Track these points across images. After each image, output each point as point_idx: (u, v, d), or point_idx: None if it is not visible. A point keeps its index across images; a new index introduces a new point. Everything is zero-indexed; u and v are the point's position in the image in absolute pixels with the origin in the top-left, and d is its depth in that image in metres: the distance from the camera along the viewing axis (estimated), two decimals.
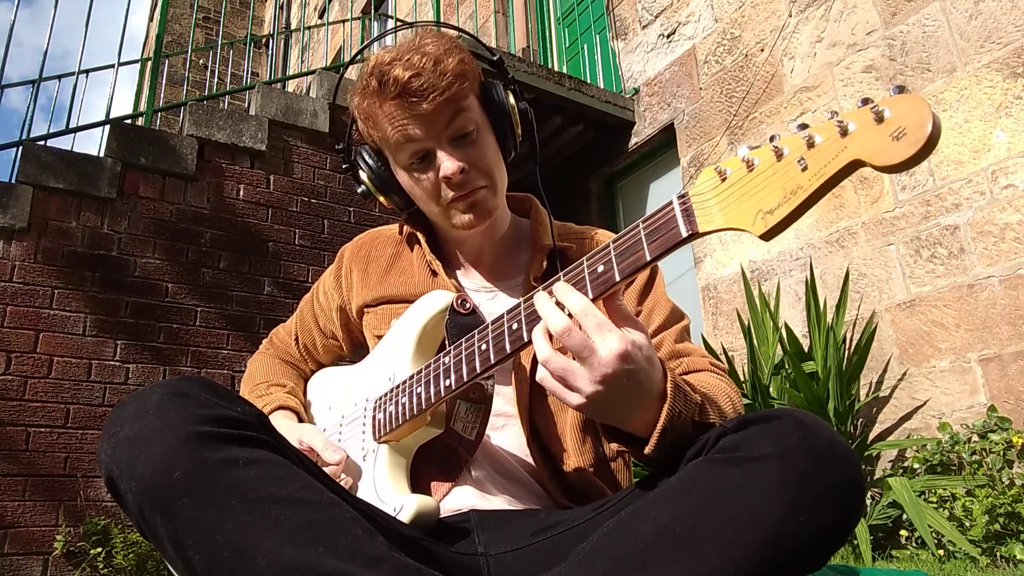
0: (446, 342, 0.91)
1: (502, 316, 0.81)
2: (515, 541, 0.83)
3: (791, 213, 0.58)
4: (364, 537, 0.65)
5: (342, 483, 0.94)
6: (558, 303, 0.73)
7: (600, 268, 0.72)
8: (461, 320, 0.93)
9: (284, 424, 1.05)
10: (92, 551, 2.72)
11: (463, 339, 0.85)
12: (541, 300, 0.74)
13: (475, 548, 0.83)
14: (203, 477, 0.63)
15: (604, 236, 1.10)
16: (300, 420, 1.08)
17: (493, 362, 0.80)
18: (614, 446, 0.80)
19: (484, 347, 0.82)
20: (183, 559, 0.64)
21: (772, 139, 0.61)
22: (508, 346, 0.79)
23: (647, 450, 0.75)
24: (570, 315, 0.71)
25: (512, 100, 1.02)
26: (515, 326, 0.79)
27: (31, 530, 2.72)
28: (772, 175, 0.60)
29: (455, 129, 0.95)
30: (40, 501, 2.76)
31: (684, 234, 0.65)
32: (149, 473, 0.63)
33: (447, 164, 0.94)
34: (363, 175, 1.04)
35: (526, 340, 0.76)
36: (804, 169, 0.57)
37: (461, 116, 0.95)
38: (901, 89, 0.55)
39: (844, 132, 0.56)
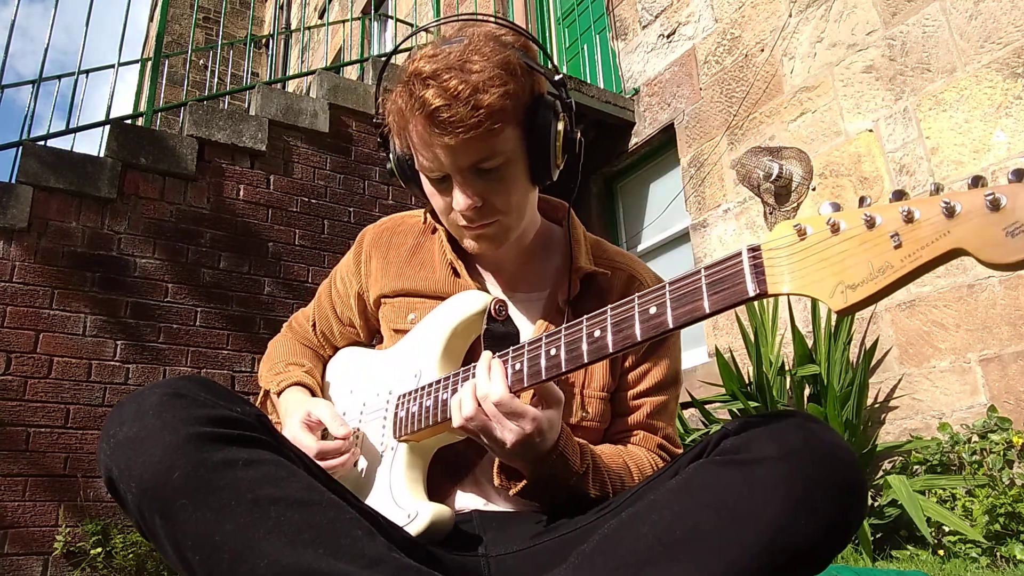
0: (481, 346, 0.90)
1: (540, 340, 0.80)
2: (516, 542, 0.83)
3: (876, 293, 0.52)
4: (364, 538, 0.65)
5: (348, 458, 0.94)
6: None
7: (653, 310, 0.68)
8: (497, 329, 0.91)
9: (296, 398, 1.04)
10: (92, 551, 2.72)
11: (498, 355, 0.84)
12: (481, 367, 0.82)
13: (476, 549, 0.83)
14: (202, 478, 0.63)
15: (638, 269, 1.06)
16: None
17: (526, 385, 0.79)
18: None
19: (519, 367, 0.80)
20: (183, 560, 0.64)
21: (862, 202, 0.55)
22: (544, 373, 0.78)
23: (512, 492, 0.86)
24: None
25: (561, 126, 0.91)
26: (552, 351, 0.77)
27: (31, 530, 2.72)
28: (859, 245, 0.53)
29: (478, 162, 0.88)
30: (40, 501, 2.76)
31: (751, 293, 0.60)
32: (148, 474, 0.63)
33: (459, 198, 0.89)
34: (392, 156, 0.99)
35: (563, 369, 0.77)
36: (898, 247, 0.51)
37: (487, 151, 0.87)
38: (1020, 176, 0.49)
39: (951, 213, 0.50)
